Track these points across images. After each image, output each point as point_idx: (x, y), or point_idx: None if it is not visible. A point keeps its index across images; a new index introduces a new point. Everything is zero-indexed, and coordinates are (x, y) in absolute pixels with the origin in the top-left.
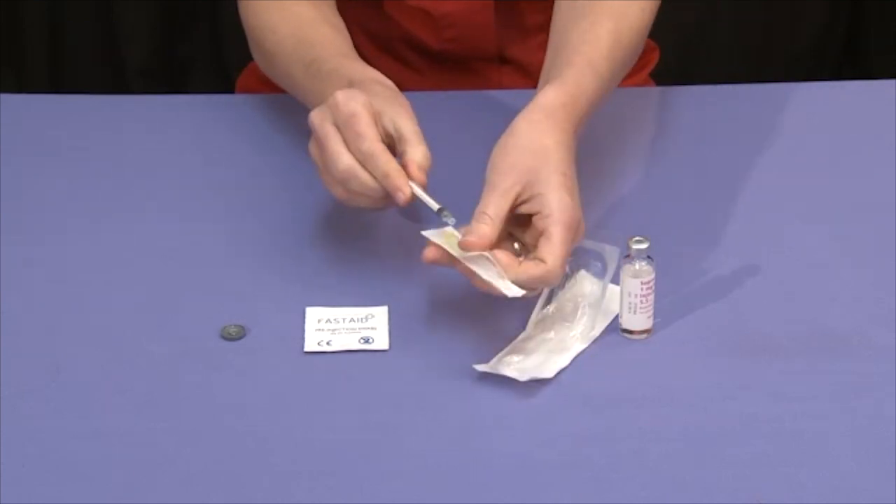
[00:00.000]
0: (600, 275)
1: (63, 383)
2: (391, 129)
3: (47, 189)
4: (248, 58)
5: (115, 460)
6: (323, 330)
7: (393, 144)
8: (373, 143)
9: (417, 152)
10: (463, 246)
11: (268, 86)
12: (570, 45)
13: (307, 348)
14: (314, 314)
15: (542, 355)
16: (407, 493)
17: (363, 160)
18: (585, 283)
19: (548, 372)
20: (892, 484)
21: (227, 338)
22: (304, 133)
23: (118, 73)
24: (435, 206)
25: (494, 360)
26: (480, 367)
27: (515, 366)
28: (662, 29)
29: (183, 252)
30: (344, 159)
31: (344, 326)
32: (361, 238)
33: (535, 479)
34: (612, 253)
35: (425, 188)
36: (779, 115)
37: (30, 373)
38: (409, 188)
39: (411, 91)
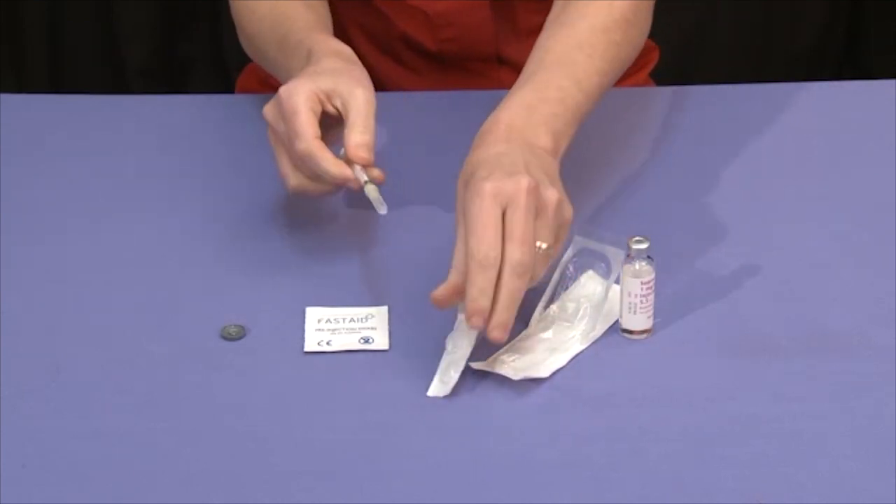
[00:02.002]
0: (605, 276)
1: (63, 383)
2: (341, 109)
3: (47, 189)
4: (247, 58)
5: (115, 460)
6: (323, 330)
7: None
8: (308, 142)
9: (354, 134)
10: (433, 299)
11: (268, 86)
12: (537, 48)
13: (307, 348)
14: (314, 314)
15: (539, 355)
16: (407, 493)
17: (301, 159)
18: (590, 284)
19: (543, 371)
20: (892, 484)
21: (227, 338)
22: None
23: (118, 73)
24: (363, 178)
25: (491, 358)
26: (476, 365)
27: (510, 364)
28: (662, 29)
29: (183, 252)
30: (291, 181)
31: (344, 326)
32: (361, 238)
33: (535, 479)
34: (616, 255)
35: (370, 165)
36: (779, 115)
37: (30, 373)
38: (352, 174)
39: (411, 91)
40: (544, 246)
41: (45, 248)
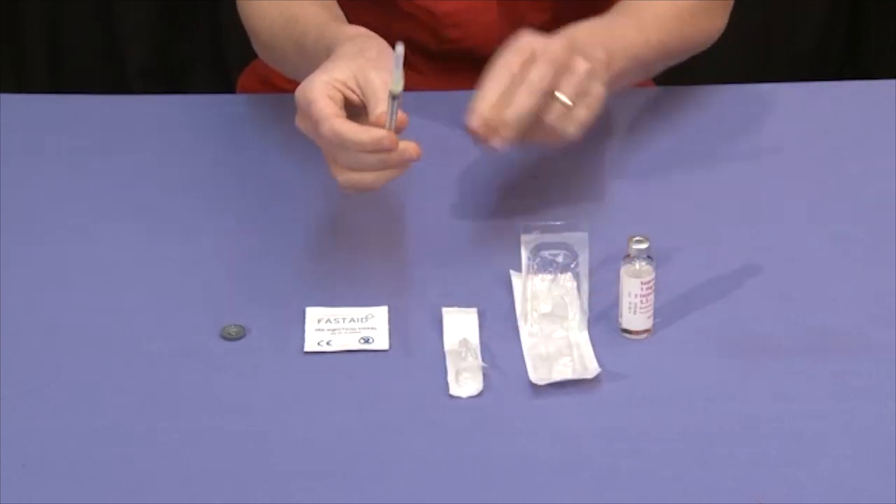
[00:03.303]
0: (566, 267)
1: (63, 383)
2: (361, 97)
3: (47, 189)
4: (248, 58)
5: (115, 460)
6: (323, 330)
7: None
8: (330, 122)
9: (376, 110)
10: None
11: (268, 86)
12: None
13: (307, 348)
14: (314, 314)
15: (568, 354)
16: (407, 493)
17: (334, 143)
18: (560, 281)
19: (591, 371)
20: (892, 484)
21: (227, 338)
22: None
23: (118, 73)
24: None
25: (543, 371)
26: (540, 382)
27: (569, 367)
28: None
29: (183, 252)
30: (339, 179)
31: (344, 326)
32: (361, 238)
33: (535, 479)
34: (578, 238)
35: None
36: (779, 115)
37: (30, 373)
38: (387, 133)
39: (413, 91)
40: (564, 98)
41: (45, 248)
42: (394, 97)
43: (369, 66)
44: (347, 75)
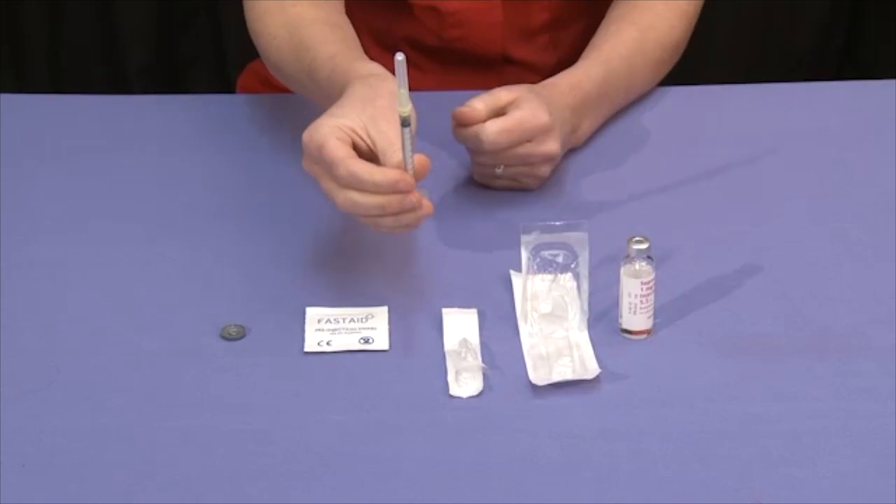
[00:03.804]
0: (566, 268)
1: (63, 383)
2: (371, 145)
3: (47, 189)
4: (248, 58)
5: (115, 460)
6: (323, 330)
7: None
8: (345, 163)
9: (391, 160)
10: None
11: (268, 86)
12: (592, 45)
13: (307, 348)
14: (314, 314)
15: (568, 354)
16: (407, 493)
17: (348, 185)
18: (560, 281)
19: (591, 372)
20: (892, 484)
21: (227, 338)
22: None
23: (118, 73)
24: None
25: (543, 371)
26: (540, 382)
27: (569, 367)
28: None
29: (183, 252)
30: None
31: (344, 326)
32: (361, 238)
33: (535, 479)
34: (578, 238)
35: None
36: (779, 115)
37: (30, 373)
38: (402, 175)
39: (415, 91)
40: (499, 171)
41: (45, 248)
42: (405, 124)
43: (380, 115)
44: (357, 123)
